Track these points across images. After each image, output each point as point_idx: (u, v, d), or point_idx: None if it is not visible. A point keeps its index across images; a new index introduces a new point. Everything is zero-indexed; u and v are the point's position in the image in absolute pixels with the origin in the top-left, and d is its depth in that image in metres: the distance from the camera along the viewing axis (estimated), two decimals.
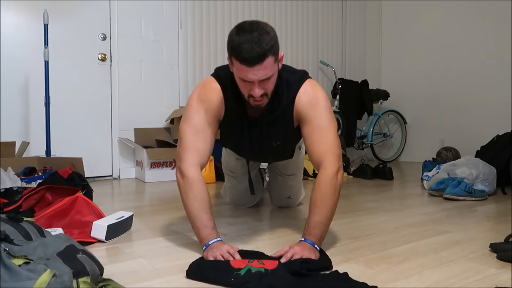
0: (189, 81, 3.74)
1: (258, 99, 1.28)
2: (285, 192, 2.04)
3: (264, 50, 1.17)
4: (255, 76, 1.21)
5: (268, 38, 1.19)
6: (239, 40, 1.18)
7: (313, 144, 1.35)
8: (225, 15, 3.94)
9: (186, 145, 1.35)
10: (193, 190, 1.31)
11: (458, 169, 2.54)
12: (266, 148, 1.54)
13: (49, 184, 1.72)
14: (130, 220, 1.65)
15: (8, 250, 0.91)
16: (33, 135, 3.07)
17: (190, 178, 1.32)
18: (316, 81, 4.96)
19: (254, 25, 1.21)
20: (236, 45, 1.18)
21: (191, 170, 1.32)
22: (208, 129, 1.37)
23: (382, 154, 4.86)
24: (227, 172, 2.00)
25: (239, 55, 1.18)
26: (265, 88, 1.27)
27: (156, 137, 3.50)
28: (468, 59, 4.29)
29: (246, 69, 1.20)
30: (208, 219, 1.29)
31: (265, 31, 1.20)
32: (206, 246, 1.24)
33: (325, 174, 1.30)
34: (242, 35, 1.18)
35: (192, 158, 1.34)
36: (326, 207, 1.28)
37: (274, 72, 1.26)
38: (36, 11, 3.02)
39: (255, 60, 1.17)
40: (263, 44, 1.17)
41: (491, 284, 1.08)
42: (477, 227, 1.72)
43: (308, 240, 1.24)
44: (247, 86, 1.26)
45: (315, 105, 1.37)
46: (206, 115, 1.37)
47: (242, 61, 1.18)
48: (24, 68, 3.03)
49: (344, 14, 4.89)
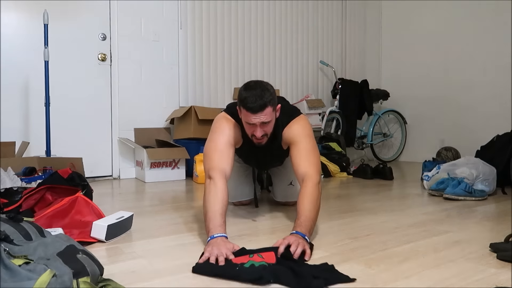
0: (189, 81, 3.74)
1: (259, 139, 1.64)
2: (286, 177, 2.10)
3: (265, 102, 1.55)
4: (257, 120, 1.58)
5: (268, 93, 1.57)
6: (246, 94, 1.56)
7: (299, 160, 1.66)
8: (225, 15, 3.94)
9: (213, 158, 1.64)
10: (216, 188, 1.52)
11: (458, 169, 2.54)
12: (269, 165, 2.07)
13: (49, 184, 1.72)
14: (130, 220, 1.65)
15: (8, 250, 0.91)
16: (33, 135, 3.07)
17: (215, 180, 1.55)
18: (316, 81, 4.93)
19: (258, 84, 1.61)
20: (243, 98, 1.56)
21: (217, 174, 1.57)
22: (230, 147, 1.69)
23: (382, 154, 4.86)
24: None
25: (246, 105, 1.56)
26: (265, 130, 1.63)
27: (156, 137, 3.50)
28: (468, 59, 4.29)
29: (250, 115, 1.57)
30: (220, 214, 1.44)
31: (266, 88, 1.59)
32: (210, 238, 1.34)
33: (310, 183, 1.56)
34: (249, 91, 1.57)
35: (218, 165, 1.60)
36: (314, 207, 1.50)
37: (272, 118, 1.63)
38: (36, 11, 3.02)
39: (257, 109, 1.55)
40: (264, 98, 1.55)
41: (491, 284, 1.08)
42: (477, 227, 1.72)
43: (300, 232, 1.37)
44: (251, 128, 1.63)
45: (300, 133, 1.71)
46: (228, 138, 1.70)
47: (248, 109, 1.56)
48: (24, 68, 3.03)
49: (344, 14, 4.89)
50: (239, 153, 1.93)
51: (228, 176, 1.61)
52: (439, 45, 4.55)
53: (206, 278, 1.13)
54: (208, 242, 1.32)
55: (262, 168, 2.15)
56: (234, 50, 4.01)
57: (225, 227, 1.40)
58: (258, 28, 4.17)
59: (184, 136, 3.39)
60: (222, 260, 1.21)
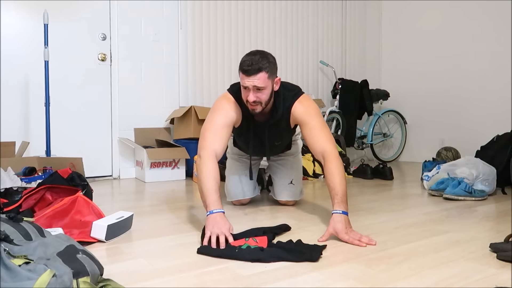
0: (189, 81, 3.74)
1: (252, 104, 1.70)
2: (287, 176, 2.14)
3: (260, 67, 1.63)
4: (250, 83, 1.65)
5: (265, 60, 1.65)
6: (245, 58, 1.66)
7: (314, 139, 1.73)
8: (225, 15, 3.94)
9: (207, 138, 1.70)
10: (206, 166, 1.60)
11: (458, 169, 2.53)
12: (266, 146, 1.96)
13: (49, 184, 1.72)
14: (130, 220, 1.65)
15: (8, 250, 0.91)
16: (33, 135, 3.07)
17: (205, 158, 1.63)
18: (316, 81, 4.92)
19: (259, 51, 1.69)
20: (242, 61, 1.67)
21: (207, 153, 1.64)
22: (225, 128, 1.75)
23: (382, 154, 4.86)
24: (231, 156, 2.20)
25: (242, 67, 1.65)
26: (258, 97, 1.69)
27: (156, 137, 3.50)
28: (468, 59, 4.29)
29: (244, 78, 1.66)
30: (214, 191, 1.54)
31: (266, 57, 1.67)
32: (209, 213, 1.48)
33: (332, 158, 1.64)
34: (248, 56, 1.67)
35: (209, 145, 1.67)
36: (343, 179, 1.60)
37: (267, 86, 1.68)
38: (36, 11, 3.02)
39: (251, 72, 1.63)
40: (260, 64, 1.63)
41: (491, 284, 1.08)
42: (477, 227, 1.72)
43: (345, 212, 1.51)
44: (245, 92, 1.70)
45: (309, 112, 1.79)
46: (226, 118, 1.76)
47: (243, 72, 1.65)
48: (24, 68, 3.03)
49: (344, 14, 4.89)
50: (239, 132, 1.94)
51: (218, 155, 1.68)
52: (439, 45, 4.55)
53: (206, 278, 1.13)
54: (207, 217, 1.47)
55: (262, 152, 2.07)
56: (234, 50, 4.01)
57: (220, 202, 1.52)
58: (258, 28, 4.17)
59: (184, 136, 3.39)
60: (223, 240, 1.35)
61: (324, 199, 2.37)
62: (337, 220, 1.49)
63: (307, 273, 1.16)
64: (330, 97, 4.68)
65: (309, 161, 3.39)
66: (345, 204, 1.54)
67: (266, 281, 1.10)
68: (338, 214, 1.50)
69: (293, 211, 2.05)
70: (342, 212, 1.51)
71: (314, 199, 2.38)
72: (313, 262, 1.24)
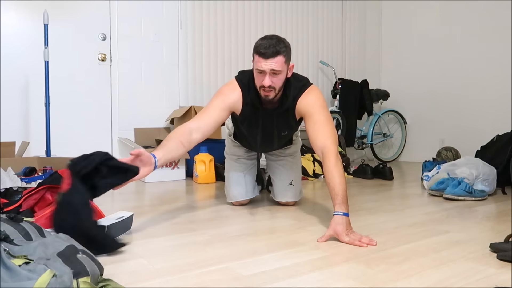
0: (189, 81, 3.74)
1: (267, 89, 1.67)
2: (286, 177, 2.12)
3: (278, 50, 1.61)
4: (267, 66, 1.61)
5: (282, 44, 1.64)
6: (261, 42, 1.64)
7: (315, 132, 1.70)
8: (225, 15, 3.94)
9: (196, 117, 1.72)
10: (176, 131, 1.64)
11: (458, 169, 2.53)
12: (275, 135, 1.91)
13: (49, 184, 1.71)
14: (130, 220, 1.65)
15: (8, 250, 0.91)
16: (33, 135, 3.07)
17: (185, 127, 1.65)
18: (316, 81, 4.93)
19: (275, 36, 1.68)
20: (258, 44, 1.64)
21: (189, 126, 1.66)
22: (218, 111, 1.73)
23: (382, 154, 4.86)
24: (229, 156, 2.17)
25: (258, 50, 1.62)
26: (273, 82, 1.65)
27: (156, 137, 3.50)
28: (468, 59, 4.29)
29: (261, 60, 1.62)
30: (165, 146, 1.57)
31: (282, 40, 1.65)
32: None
33: (331, 155, 1.61)
34: (264, 39, 1.65)
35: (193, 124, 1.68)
36: (343, 178, 1.58)
37: (282, 70, 1.65)
38: (36, 11, 3.02)
39: (269, 55, 1.60)
40: (277, 47, 1.61)
41: (491, 284, 1.08)
42: (477, 227, 1.72)
43: (346, 213, 1.49)
44: (260, 77, 1.66)
45: (314, 105, 1.74)
46: (222, 102, 1.74)
47: (260, 54, 1.62)
48: (24, 68, 3.03)
49: (344, 14, 4.89)
50: (242, 120, 1.87)
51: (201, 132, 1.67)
52: (439, 45, 4.55)
53: (206, 278, 1.13)
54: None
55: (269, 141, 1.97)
56: (234, 50, 4.01)
57: (161, 154, 1.52)
58: (258, 28, 4.17)
59: None
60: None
61: (324, 199, 2.37)
62: (338, 222, 1.47)
63: (307, 273, 1.16)
64: (330, 97, 4.68)
65: (309, 161, 3.39)
66: (346, 205, 1.52)
67: (266, 281, 1.10)
68: (339, 216, 1.48)
69: (293, 211, 2.05)
70: (343, 213, 1.49)
71: (314, 199, 2.38)
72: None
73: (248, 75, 1.79)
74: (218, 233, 1.61)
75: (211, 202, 2.29)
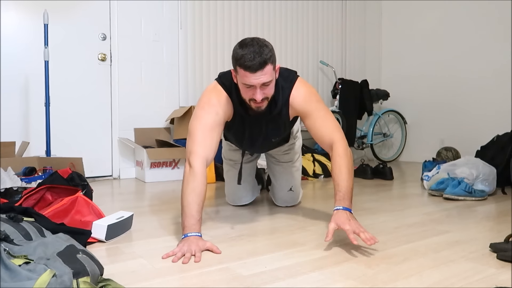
0: (189, 81, 3.74)
1: (259, 103, 1.49)
2: (286, 183, 2.07)
3: (265, 59, 1.40)
4: (257, 80, 1.42)
5: (267, 50, 1.42)
6: (243, 52, 1.41)
7: (320, 130, 1.60)
8: (225, 15, 3.94)
9: (196, 141, 1.51)
10: (195, 181, 1.44)
11: (458, 169, 2.53)
12: (267, 142, 1.78)
13: (49, 184, 1.72)
14: (130, 220, 1.65)
15: (8, 250, 0.91)
16: (33, 135, 3.07)
17: (195, 169, 1.46)
18: (316, 81, 4.92)
19: (255, 40, 1.44)
20: (240, 56, 1.41)
21: (198, 162, 1.47)
22: (216, 128, 1.55)
23: (382, 154, 4.86)
24: (226, 161, 2.11)
25: (243, 63, 1.40)
26: (265, 93, 1.48)
27: (156, 137, 3.50)
28: (468, 59, 4.29)
29: (249, 75, 1.41)
30: (197, 211, 1.41)
31: (264, 44, 1.43)
32: (184, 236, 1.36)
33: (339, 149, 1.55)
34: (245, 48, 1.41)
35: (201, 152, 1.49)
36: (350, 174, 1.52)
37: (272, 78, 1.47)
38: (36, 11, 3.02)
39: (257, 67, 1.39)
40: (263, 54, 1.40)
41: (491, 284, 1.08)
42: (477, 227, 1.72)
43: (346, 208, 1.43)
44: (249, 91, 1.47)
45: (309, 101, 1.62)
46: (216, 117, 1.56)
47: (246, 68, 1.40)
48: (24, 68, 3.03)
49: (344, 14, 4.89)
50: (230, 127, 1.71)
51: (209, 161, 1.52)
52: (439, 45, 4.55)
53: (206, 278, 1.13)
54: (183, 239, 1.36)
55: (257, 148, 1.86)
56: None
57: (200, 224, 1.41)
58: (258, 28, 4.17)
59: (184, 136, 3.38)
60: (187, 257, 1.25)
61: (324, 199, 2.37)
62: (338, 214, 1.40)
63: (307, 273, 1.16)
64: (330, 97, 4.68)
65: (309, 161, 3.39)
66: (348, 201, 1.45)
67: (266, 281, 1.10)
68: (339, 210, 1.42)
69: (293, 211, 2.05)
70: (343, 208, 1.42)
71: (314, 199, 2.38)
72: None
73: (230, 80, 1.60)
74: (218, 233, 1.61)
75: (211, 202, 2.29)
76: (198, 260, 1.25)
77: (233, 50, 1.47)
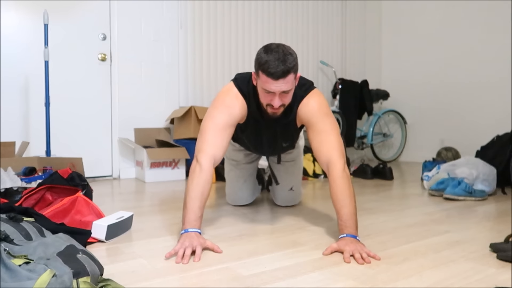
0: (189, 81, 3.74)
1: (275, 109, 1.51)
2: (287, 182, 2.07)
3: (288, 68, 1.40)
4: (278, 88, 1.43)
5: (291, 58, 1.42)
6: (267, 58, 1.40)
7: (319, 145, 1.55)
8: (225, 15, 3.94)
9: (207, 139, 1.52)
10: (200, 177, 1.45)
11: (458, 169, 2.54)
12: (277, 146, 1.81)
13: (49, 184, 1.72)
14: (130, 220, 1.65)
15: (8, 250, 0.91)
16: (33, 135, 3.07)
17: (203, 167, 1.46)
18: (316, 81, 4.91)
19: (280, 47, 1.43)
20: (264, 62, 1.41)
21: (206, 160, 1.48)
22: (227, 129, 1.56)
23: (382, 154, 4.86)
24: (229, 161, 2.11)
25: (266, 69, 1.40)
26: (283, 100, 1.49)
27: (156, 137, 3.50)
28: (468, 59, 4.29)
29: (271, 82, 1.42)
30: (199, 207, 1.42)
31: (289, 53, 1.43)
32: (184, 231, 1.37)
33: (336, 170, 1.48)
34: (270, 54, 1.41)
35: (210, 150, 1.50)
36: (350, 198, 1.44)
37: (293, 87, 1.48)
38: (36, 11, 3.02)
39: (279, 75, 1.40)
40: (287, 63, 1.39)
41: (491, 284, 1.08)
42: (477, 227, 1.72)
43: (349, 234, 1.36)
44: (268, 96, 1.48)
45: (316, 112, 1.58)
46: (229, 117, 1.56)
47: (269, 75, 1.40)
48: (24, 68, 3.03)
49: (344, 14, 4.89)
50: (243, 129, 1.73)
51: (217, 161, 1.53)
52: (439, 45, 4.55)
53: (206, 278, 1.13)
54: (181, 235, 1.36)
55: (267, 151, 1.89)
56: (234, 50, 4.01)
57: (201, 221, 1.42)
58: (258, 28, 4.17)
59: (184, 136, 3.39)
60: (188, 252, 1.26)
61: (324, 199, 2.37)
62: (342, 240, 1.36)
63: (307, 273, 1.16)
64: (330, 97, 4.68)
65: (309, 161, 3.39)
66: (351, 228, 1.38)
67: (266, 281, 1.10)
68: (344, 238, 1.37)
69: (293, 211, 2.05)
70: (347, 235, 1.37)
71: (314, 199, 2.38)
72: None
73: (247, 82, 1.61)
74: (218, 233, 1.61)
75: (211, 202, 2.29)
76: (197, 260, 1.26)
77: (257, 54, 1.47)
